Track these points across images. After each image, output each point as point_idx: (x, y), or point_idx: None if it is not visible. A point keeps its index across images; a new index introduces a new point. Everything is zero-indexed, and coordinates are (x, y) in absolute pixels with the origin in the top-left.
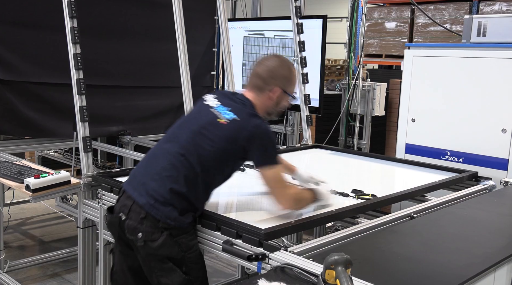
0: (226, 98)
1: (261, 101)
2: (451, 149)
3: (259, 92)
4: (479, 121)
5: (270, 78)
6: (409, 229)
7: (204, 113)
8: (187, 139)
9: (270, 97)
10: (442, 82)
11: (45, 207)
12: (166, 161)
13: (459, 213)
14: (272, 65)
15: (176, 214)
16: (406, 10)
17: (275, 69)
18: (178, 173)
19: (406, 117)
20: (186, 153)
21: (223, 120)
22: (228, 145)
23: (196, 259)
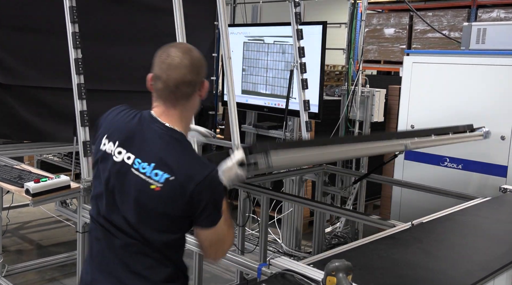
0: (137, 141)
1: (189, 110)
2: (450, 155)
3: (187, 101)
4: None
5: (197, 75)
6: (409, 236)
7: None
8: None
9: (200, 95)
10: (441, 88)
11: (43, 211)
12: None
13: (459, 219)
14: (189, 59)
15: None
16: (405, 16)
17: (194, 61)
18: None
19: (405, 123)
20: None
21: (155, 185)
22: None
23: None
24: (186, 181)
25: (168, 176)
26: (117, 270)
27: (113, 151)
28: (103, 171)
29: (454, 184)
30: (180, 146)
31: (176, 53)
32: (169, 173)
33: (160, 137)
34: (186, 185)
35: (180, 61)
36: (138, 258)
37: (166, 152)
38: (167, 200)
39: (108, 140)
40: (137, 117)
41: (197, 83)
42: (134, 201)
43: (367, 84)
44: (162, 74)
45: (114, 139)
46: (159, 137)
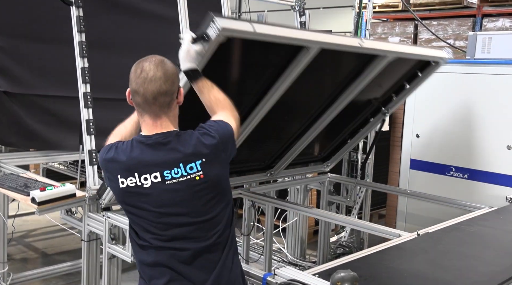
0: (162, 154)
1: (173, 117)
2: (456, 165)
3: (169, 110)
4: (484, 137)
5: (172, 84)
6: (415, 246)
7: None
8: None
9: (178, 102)
10: (446, 98)
11: (48, 220)
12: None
13: (465, 230)
14: (162, 72)
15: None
16: (410, 25)
17: (167, 73)
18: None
19: (410, 132)
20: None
21: (197, 175)
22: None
23: None
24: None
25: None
26: None
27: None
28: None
29: (460, 194)
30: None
31: (150, 66)
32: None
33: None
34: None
35: (154, 74)
36: None
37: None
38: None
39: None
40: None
41: (174, 91)
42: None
43: None
44: (139, 88)
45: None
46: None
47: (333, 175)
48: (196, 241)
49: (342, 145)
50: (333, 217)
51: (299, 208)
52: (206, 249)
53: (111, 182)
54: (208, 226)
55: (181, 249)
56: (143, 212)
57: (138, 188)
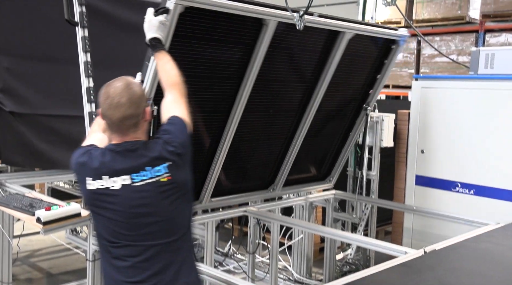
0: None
1: (140, 134)
2: (461, 181)
3: (136, 129)
4: (490, 152)
5: (137, 107)
6: (422, 264)
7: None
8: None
9: (145, 120)
10: (450, 113)
11: (53, 239)
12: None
13: (472, 247)
14: (127, 98)
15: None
16: (413, 41)
17: (133, 98)
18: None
19: (415, 148)
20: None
21: (164, 177)
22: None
23: None
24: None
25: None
26: None
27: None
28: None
29: (466, 210)
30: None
31: (115, 92)
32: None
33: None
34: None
35: (119, 100)
36: None
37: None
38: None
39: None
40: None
41: (139, 114)
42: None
43: (376, 109)
44: (106, 112)
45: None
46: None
47: (338, 191)
48: (162, 240)
49: (338, 156)
50: (339, 235)
51: (305, 225)
52: (171, 247)
53: (82, 185)
54: (174, 225)
55: (148, 247)
56: (113, 214)
57: (107, 190)
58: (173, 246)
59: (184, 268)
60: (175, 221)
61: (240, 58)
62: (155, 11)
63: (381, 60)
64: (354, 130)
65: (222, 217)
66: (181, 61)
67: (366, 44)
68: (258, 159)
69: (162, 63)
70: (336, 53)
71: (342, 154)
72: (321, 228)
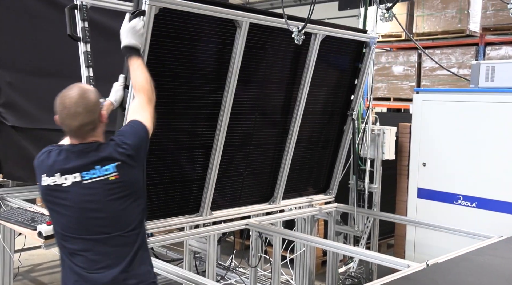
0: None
1: (98, 135)
2: (464, 193)
3: (93, 132)
4: (491, 165)
5: (93, 114)
6: (425, 277)
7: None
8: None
9: (103, 122)
10: (452, 126)
11: (54, 253)
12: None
13: (475, 260)
14: (83, 107)
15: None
16: (413, 54)
17: (88, 106)
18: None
19: (417, 161)
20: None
21: (112, 176)
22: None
23: None
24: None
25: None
26: None
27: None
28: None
29: (469, 223)
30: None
31: (71, 102)
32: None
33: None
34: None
35: (75, 110)
36: None
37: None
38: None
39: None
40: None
41: (95, 119)
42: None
43: (377, 122)
44: (64, 121)
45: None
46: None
47: (340, 204)
48: (110, 234)
49: (333, 166)
50: (341, 248)
51: (307, 238)
52: (118, 242)
53: (39, 181)
54: (121, 221)
55: (97, 241)
56: (64, 209)
57: (59, 187)
58: (122, 241)
59: (135, 261)
60: (123, 217)
61: (220, 59)
62: (131, 14)
63: (356, 65)
64: (343, 139)
65: (223, 230)
66: (160, 61)
67: (339, 47)
68: (253, 167)
69: (134, 69)
70: (311, 55)
71: (337, 164)
72: (323, 241)
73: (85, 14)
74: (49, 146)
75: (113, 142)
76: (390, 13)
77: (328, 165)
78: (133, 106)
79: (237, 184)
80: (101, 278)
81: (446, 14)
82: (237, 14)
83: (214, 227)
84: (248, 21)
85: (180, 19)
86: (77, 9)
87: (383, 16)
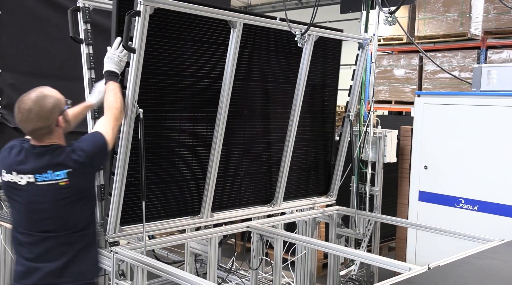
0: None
1: (56, 138)
2: (465, 196)
3: (50, 135)
4: (493, 168)
5: (46, 120)
6: (426, 280)
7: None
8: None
9: (60, 126)
10: (453, 129)
11: None
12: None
13: (476, 263)
14: (35, 113)
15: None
16: (415, 57)
17: (41, 112)
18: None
19: (418, 164)
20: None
21: (62, 181)
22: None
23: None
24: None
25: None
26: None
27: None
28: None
29: (470, 226)
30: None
31: (24, 108)
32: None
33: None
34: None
35: (28, 115)
36: None
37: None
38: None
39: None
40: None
41: (49, 125)
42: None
43: (379, 124)
44: (19, 124)
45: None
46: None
47: (341, 207)
48: (54, 233)
49: (333, 168)
50: (342, 250)
51: (308, 241)
52: (61, 241)
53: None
54: (66, 223)
55: (42, 238)
56: (18, 205)
57: (15, 184)
58: (65, 240)
59: (77, 260)
60: (69, 219)
61: (219, 59)
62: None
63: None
64: (342, 140)
65: (225, 232)
66: (160, 59)
67: (333, 49)
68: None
69: (108, 90)
70: (305, 55)
71: (337, 167)
72: (325, 243)
73: (87, 16)
74: (13, 141)
75: (70, 147)
76: (393, 16)
77: (328, 167)
78: (100, 120)
79: (236, 184)
80: (42, 268)
81: (447, 17)
82: (231, 15)
83: (216, 229)
84: (242, 22)
85: (179, 19)
86: (79, 11)
87: (386, 20)
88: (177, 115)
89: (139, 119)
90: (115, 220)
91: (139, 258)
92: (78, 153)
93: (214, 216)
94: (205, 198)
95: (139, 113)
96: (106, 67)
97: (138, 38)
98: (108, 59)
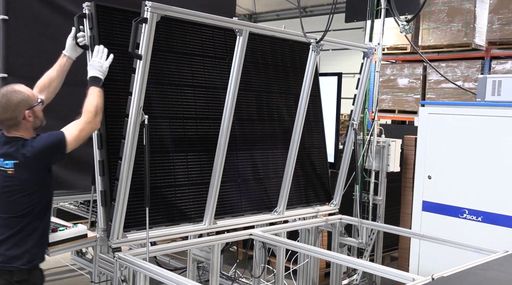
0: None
1: (23, 131)
2: (469, 207)
3: (17, 127)
4: (497, 179)
5: (12, 112)
6: None
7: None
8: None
9: (28, 121)
10: (458, 139)
11: (57, 260)
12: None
13: (481, 275)
14: (2, 105)
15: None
16: (419, 67)
17: (8, 105)
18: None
19: (422, 174)
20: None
21: (9, 170)
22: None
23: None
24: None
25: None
26: None
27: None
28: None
29: (474, 237)
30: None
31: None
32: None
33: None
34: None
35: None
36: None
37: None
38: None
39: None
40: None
41: (16, 117)
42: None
43: (382, 134)
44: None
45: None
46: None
47: (344, 216)
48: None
49: (336, 177)
50: (344, 260)
51: (310, 249)
52: (1, 222)
53: None
54: (6, 207)
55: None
56: None
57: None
58: (2, 222)
59: (8, 242)
60: (9, 204)
61: (223, 67)
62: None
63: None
64: (345, 148)
65: (227, 240)
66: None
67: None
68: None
69: (89, 94)
70: (310, 65)
71: (340, 175)
72: (327, 252)
73: (93, 23)
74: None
75: (25, 141)
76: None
77: (330, 175)
78: (73, 122)
79: (240, 191)
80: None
81: (451, 27)
82: (237, 23)
83: (218, 236)
84: (248, 30)
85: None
86: (85, 17)
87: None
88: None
89: (144, 125)
90: (119, 226)
91: (142, 265)
92: (27, 148)
93: (217, 223)
94: (208, 205)
95: (144, 119)
96: (90, 73)
97: (145, 45)
98: (90, 66)
